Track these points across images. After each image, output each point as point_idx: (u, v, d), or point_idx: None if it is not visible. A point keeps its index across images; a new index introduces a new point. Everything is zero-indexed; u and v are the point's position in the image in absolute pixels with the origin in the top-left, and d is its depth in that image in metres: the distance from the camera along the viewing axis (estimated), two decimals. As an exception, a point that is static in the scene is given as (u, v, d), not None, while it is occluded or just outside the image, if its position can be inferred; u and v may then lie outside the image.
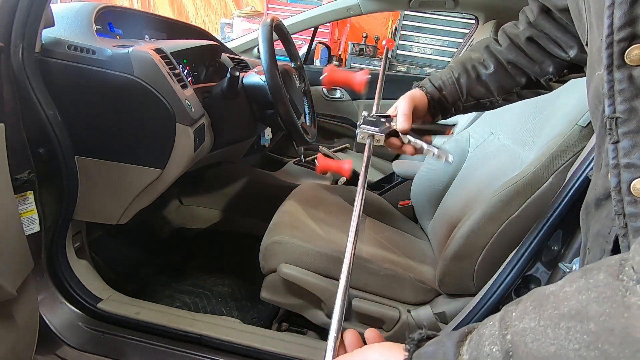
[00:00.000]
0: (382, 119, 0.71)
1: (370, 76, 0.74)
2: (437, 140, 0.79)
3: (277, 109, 1.22)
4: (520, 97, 0.73)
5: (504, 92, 0.71)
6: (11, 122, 0.82)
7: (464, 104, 0.73)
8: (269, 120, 1.37)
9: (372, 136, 0.69)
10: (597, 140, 0.47)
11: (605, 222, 0.44)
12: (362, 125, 0.70)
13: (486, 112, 1.26)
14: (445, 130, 0.74)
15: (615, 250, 0.43)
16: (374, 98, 0.83)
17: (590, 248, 0.48)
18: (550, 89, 0.71)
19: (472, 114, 1.43)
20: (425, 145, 0.68)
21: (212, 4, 5.03)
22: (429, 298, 1.08)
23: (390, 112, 0.73)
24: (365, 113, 0.72)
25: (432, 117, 0.75)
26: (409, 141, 0.70)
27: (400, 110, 0.69)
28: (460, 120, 1.62)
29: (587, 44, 0.49)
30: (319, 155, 0.79)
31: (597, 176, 0.47)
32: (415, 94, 0.72)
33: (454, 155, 1.36)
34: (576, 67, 0.65)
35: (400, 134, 0.69)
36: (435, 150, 0.67)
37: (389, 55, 4.77)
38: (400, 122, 0.68)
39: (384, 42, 0.95)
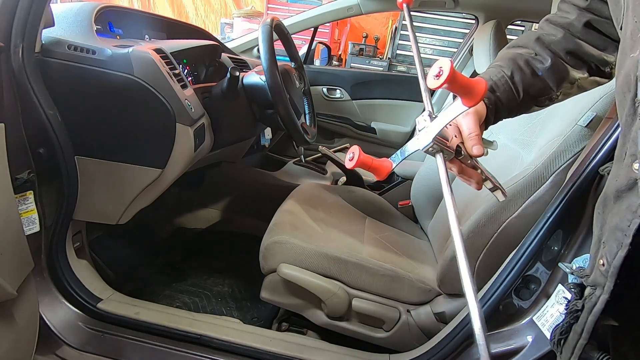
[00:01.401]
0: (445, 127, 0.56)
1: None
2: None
3: (277, 109, 1.22)
4: (581, 89, 0.67)
5: (564, 86, 0.65)
6: (11, 122, 0.82)
7: (519, 104, 0.65)
8: (269, 120, 1.37)
9: (442, 151, 0.56)
10: (623, 130, 0.45)
11: (625, 215, 0.43)
12: (437, 137, 0.55)
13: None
14: (490, 145, 0.62)
15: (634, 243, 0.42)
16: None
17: (606, 242, 0.46)
18: (611, 78, 0.65)
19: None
20: (485, 173, 0.58)
21: (212, 4, 5.03)
22: (429, 298, 1.08)
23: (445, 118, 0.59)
24: (426, 114, 0.57)
25: (486, 124, 0.65)
26: (474, 166, 0.58)
27: (469, 130, 0.57)
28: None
29: (621, 28, 0.47)
30: (356, 147, 0.58)
31: (619, 167, 0.45)
32: (475, 105, 0.61)
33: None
34: None
35: (463, 153, 0.57)
36: (490, 184, 0.58)
37: (390, 55, 4.72)
38: (473, 146, 0.56)
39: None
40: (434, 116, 0.56)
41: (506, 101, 0.64)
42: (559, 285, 0.84)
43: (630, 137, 0.42)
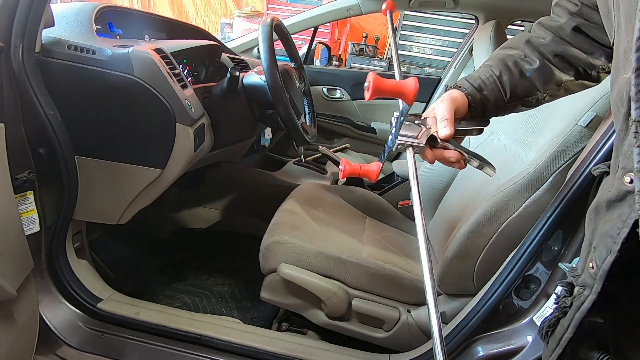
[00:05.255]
0: (415, 122, 0.63)
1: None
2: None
3: (277, 109, 1.22)
4: (568, 92, 0.68)
5: (551, 87, 0.66)
6: (11, 122, 0.82)
7: (506, 104, 0.67)
8: (269, 120, 1.37)
9: (412, 146, 0.61)
10: (616, 143, 0.46)
11: (615, 224, 0.44)
12: (400, 134, 0.61)
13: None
14: (482, 128, 0.66)
15: (622, 251, 0.44)
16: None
17: (596, 247, 0.48)
18: (599, 81, 0.67)
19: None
20: (466, 154, 0.61)
21: (212, 4, 5.04)
22: (429, 298, 1.08)
23: (427, 114, 0.65)
24: (396, 114, 0.63)
25: (471, 116, 0.68)
26: (448, 149, 0.62)
27: (441, 114, 0.62)
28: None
29: (613, 44, 0.48)
30: (343, 160, 0.67)
31: (613, 178, 0.46)
32: (454, 95, 0.65)
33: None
34: None
35: (439, 140, 0.62)
36: (477, 162, 0.61)
37: (390, 55, 4.73)
38: (442, 128, 0.61)
39: (384, 6, 0.80)
40: (396, 114, 0.62)
41: (493, 100, 0.66)
42: (559, 285, 0.84)
43: (623, 151, 0.43)
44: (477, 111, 0.67)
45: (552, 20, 0.67)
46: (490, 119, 0.70)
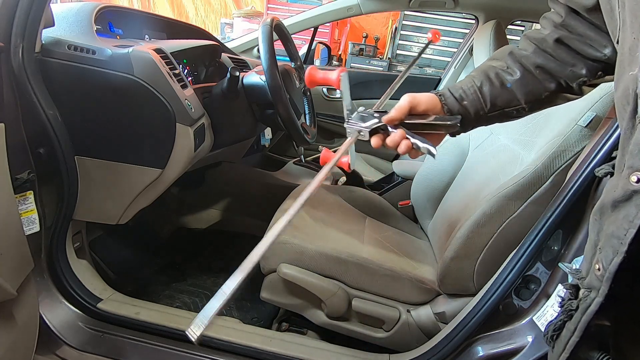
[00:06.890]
0: (375, 114, 0.67)
1: (346, 73, 0.74)
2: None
3: (277, 109, 1.22)
4: (550, 104, 0.69)
5: (532, 99, 0.67)
6: (11, 122, 0.82)
7: (487, 115, 0.68)
8: (269, 120, 1.37)
9: (359, 131, 0.67)
10: (621, 142, 0.46)
11: (621, 224, 0.44)
12: (349, 121, 0.68)
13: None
14: (451, 126, 0.66)
15: (629, 252, 0.43)
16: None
17: (602, 248, 0.48)
18: (582, 94, 0.67)
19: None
20: (410, 137, 0.64)
21: (212, 4, 5.03)
22: (429, 298, 1.08)
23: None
24: (361, 108, 0.69)
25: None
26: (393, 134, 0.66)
27: (395, 105, 0.66)
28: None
29: (617, 42, 0.48)
30: (325, 149, 0.77)
31: (618, 178, 0.46)
32: (421, 94, 0.67)
33: (455, 155, 1.38)
34: (612, 68, 0.57)
35: (388, 127, 0.65)
36: (419, 143, 0.63)
37: (390, 55, 4.73)
38: (389, 113, 0.65)
39: (429, 34, 0.86)
40: (361, 109, 0.70)
41: (473, 110, 0.67)
42: (559, 285, 0.84)
43: (629, 150, 0.43)
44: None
45: (537, 33, 0.67)
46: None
